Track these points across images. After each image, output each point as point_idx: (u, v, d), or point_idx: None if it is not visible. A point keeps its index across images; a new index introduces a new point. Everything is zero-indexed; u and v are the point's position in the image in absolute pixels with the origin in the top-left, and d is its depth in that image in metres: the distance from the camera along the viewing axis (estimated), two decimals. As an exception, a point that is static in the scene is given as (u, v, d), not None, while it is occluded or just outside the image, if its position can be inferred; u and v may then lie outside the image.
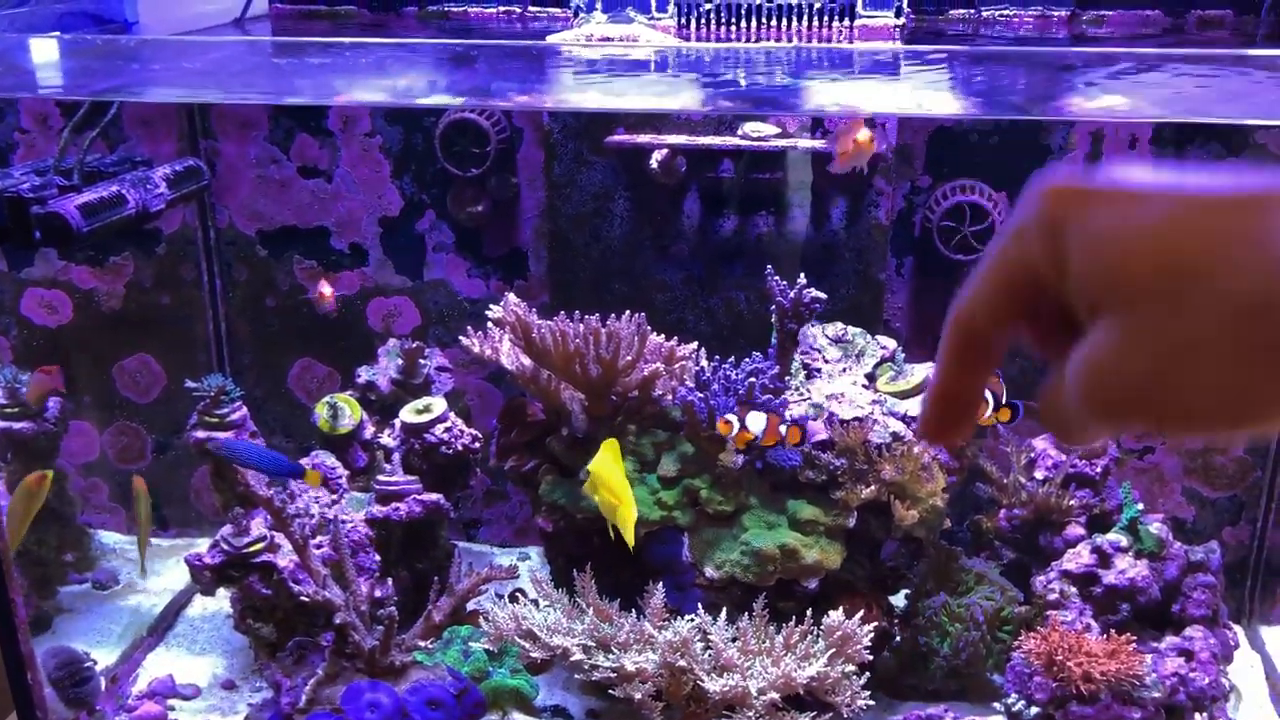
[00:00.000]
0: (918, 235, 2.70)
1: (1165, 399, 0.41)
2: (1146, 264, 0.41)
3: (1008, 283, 0.47)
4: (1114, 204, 0.43)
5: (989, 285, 0.47)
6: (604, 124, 2.57)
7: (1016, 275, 0.46)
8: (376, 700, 2.03)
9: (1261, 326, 0.38)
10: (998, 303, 0.47)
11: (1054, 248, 0.44)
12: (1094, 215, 0.43)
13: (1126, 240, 0.41)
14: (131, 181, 2.28)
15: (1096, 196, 0.43)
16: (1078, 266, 0.43)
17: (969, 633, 2.32)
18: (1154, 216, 0.41)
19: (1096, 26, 2.62)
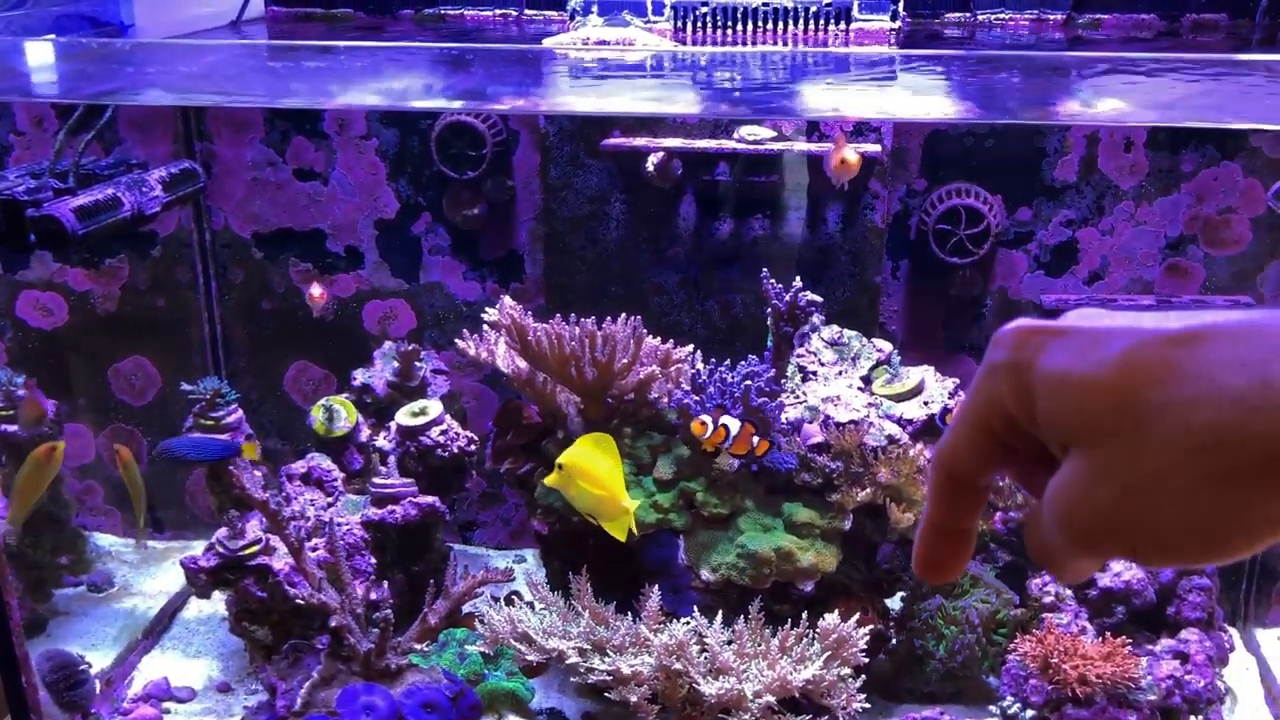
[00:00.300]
0: (913, 238, 2.71)
1: (1136, 530, 0.43)
2: (1106, 403, 0.43)
3: (984, 424, 0.48)
4: (1073, 345, 0.45)
5: (967, 428, 0.49)
6: (600, 127, 2.58)
7: (991, 417, 0.48)
8: (372, 703, 2.03)
9: (1217, 459, 0.40)
10: (977, 444, 0.49)
11: (1021, 389, 0.46)
12: (1055, 356, 0.45)
13: (1087, 380, 0.44)
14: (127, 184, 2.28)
15: (1056, 337, 0.46)
16: (1044, 406, 0.45)
17: (964, 635, 2.32)
18: (1110, 356, 0.43)
19: (1092, 30, 2.62)
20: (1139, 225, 2.67)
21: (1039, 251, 2.71)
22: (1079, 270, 2.71)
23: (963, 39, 2.58)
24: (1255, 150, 2.59)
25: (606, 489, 2.00)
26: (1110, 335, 0.44)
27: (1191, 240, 2.67)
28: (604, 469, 2.01)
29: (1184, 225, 2.66)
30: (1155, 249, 2.68)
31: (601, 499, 2.01)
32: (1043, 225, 2.69)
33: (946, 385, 2.45)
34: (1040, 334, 0.46)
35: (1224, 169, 2.61)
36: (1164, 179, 2.63)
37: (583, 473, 2.01)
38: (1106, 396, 0.43)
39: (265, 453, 2.68)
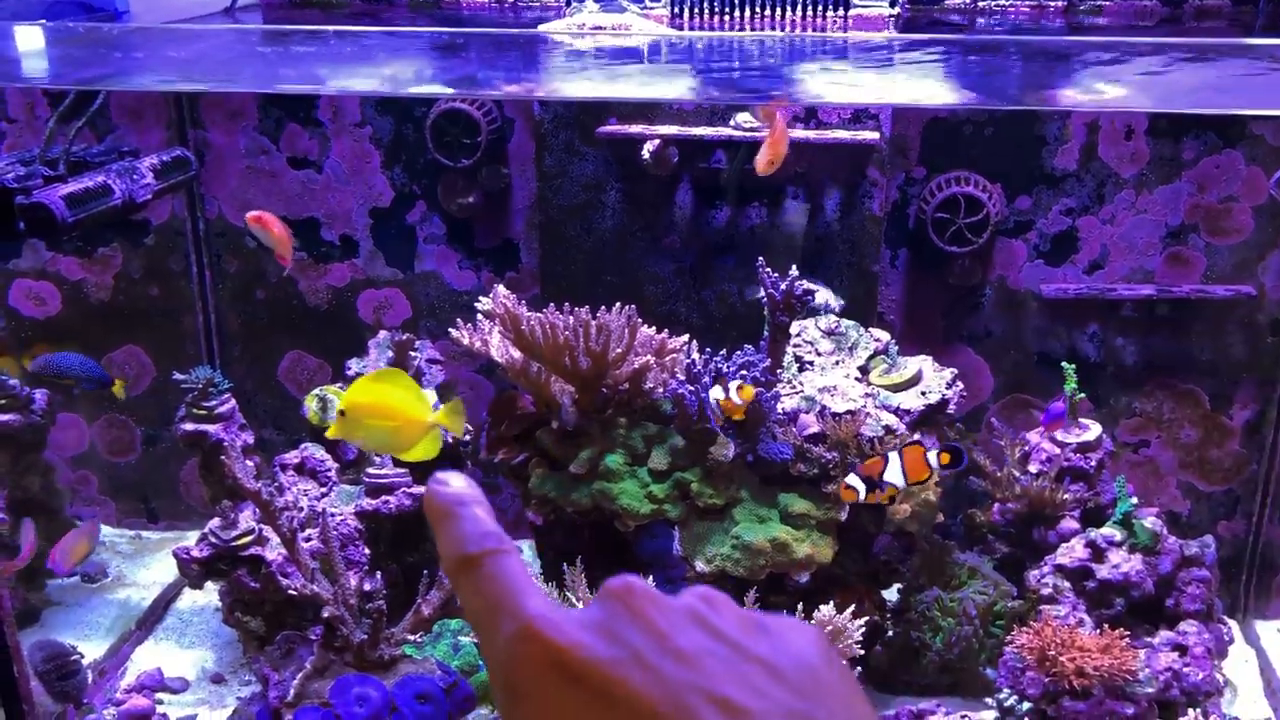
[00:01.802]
0: (912, 227, 2.69)
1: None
2: None
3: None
4: (568, 694, 0.40)
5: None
6: (596, 114, 2.55)
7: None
8: (365, 694, 2.02)
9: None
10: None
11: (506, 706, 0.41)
12: (542, 701, 0.40)
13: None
14: (118, 172, 2.26)
15: (558, 670, 0.40)
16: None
17: (962, 627, 2.31)
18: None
19: (1093, 16, 2.60)
20: (1140, 214, 2.65)
21: (1039, 240, 2.69)
22: (1079, 259, 2.69)
23: (963, 25, 2.56)
24: (1257, 138, 2.57)
25: (399, 415, 1.89)
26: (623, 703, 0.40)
27: (1193, 229, 2.65)
28: (392, 398, 1.89)
29: (1185, 214, 2.63)
30: (1156, 238, 2.66)
31: (397, 428, 1.89)
32: (1042, 214, 2.67)
33: (944, 375, 2.44)
34: (550, 659, 0.41)
35: (1225, 157, 2.59)
36: (1165, 167, 2.61)
37: (368, 410, 1.89)
38: None
39: (259, 443, 2.67)
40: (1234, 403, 2.75)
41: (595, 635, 0.40)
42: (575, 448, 2.30)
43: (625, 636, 0.40)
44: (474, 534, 0.45)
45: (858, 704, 0.42)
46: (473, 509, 0.45)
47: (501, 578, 0.43)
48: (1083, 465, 2.45)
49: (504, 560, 0.44)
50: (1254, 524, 2.81)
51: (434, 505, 0.46)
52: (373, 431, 1.86)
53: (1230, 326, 2.69)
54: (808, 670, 0.42)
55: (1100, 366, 2.74)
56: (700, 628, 0.42)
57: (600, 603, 0.42)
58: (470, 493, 0.46)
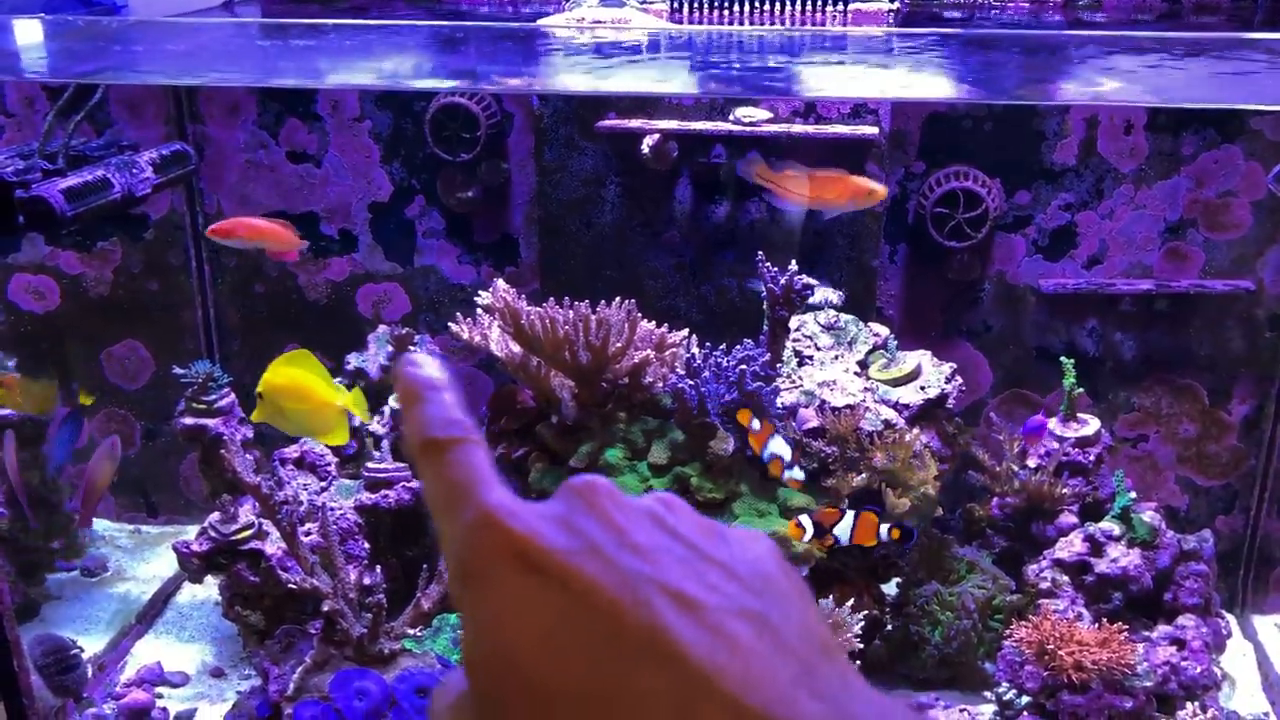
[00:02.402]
0: (911, 222, 2.69)
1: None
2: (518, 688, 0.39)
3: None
4: (524, 583, 0.40)
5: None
6: (595, 108, 2.55)
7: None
8: (365, 688, 2.02)
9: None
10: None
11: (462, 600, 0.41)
12: (498, 588, 0.40)
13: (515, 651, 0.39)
14: (117, 165, 2.25)
15: (515, 558, 0.40)
16: (466, 647, 0.41)
17: (960, 621, 2.31)
18: (548, 621, 0.39)
19: (1092, 11, 2.60)
20: (1139, 209, 2.65)
21: (1037, 235, 2.69)
22: (1078, 254, 2.69)
23: (962, 20, 2.56)
24: (1256, 133, 2.57)
25: (314, 398, 1.90)
26: (564, 581, 0.40)
27: (1191, 224, 2.65)
28: (306, 380, 1.90)
29: (1184, 209, 2.64)
30: (1155, 233, 2.66)
31: (312, 411, 1.91)
32: (1041, 209, 2.67)
33: (944, 370, 2.44)
34: (505, 543, 0.41)
35: (1224, 152, 2.59)
36: (1164, 162, 2.61)
37: (286, 393, 1.90)
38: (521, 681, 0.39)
39: (258, 437, 2.67)
40: (1232, 398, 2.76)
41: (554, 526, 0.41)
42: (575, 442, 2.31)
43: (584, 529, 0.41)
44: (440, 419, 0.44)
45: (809, 610, 0.42)
46: (442, 394, 0.45)
47: (464, 465, 0.43)
48: (1081, 460, 2.45)
49: (468, 449, 0.43)
50: (1251, 519, 2.81)
51: (405, 386, 0.45)
52: (290, 414, 1.87)
53: (1229, 321, 2.70)
54: (763, 574, 0.42)
55: (1099, 361, 2.75)
56: (659, 527, 0.42)
57: (561, 497, 0.43)
58: (441, 378, 0.46)
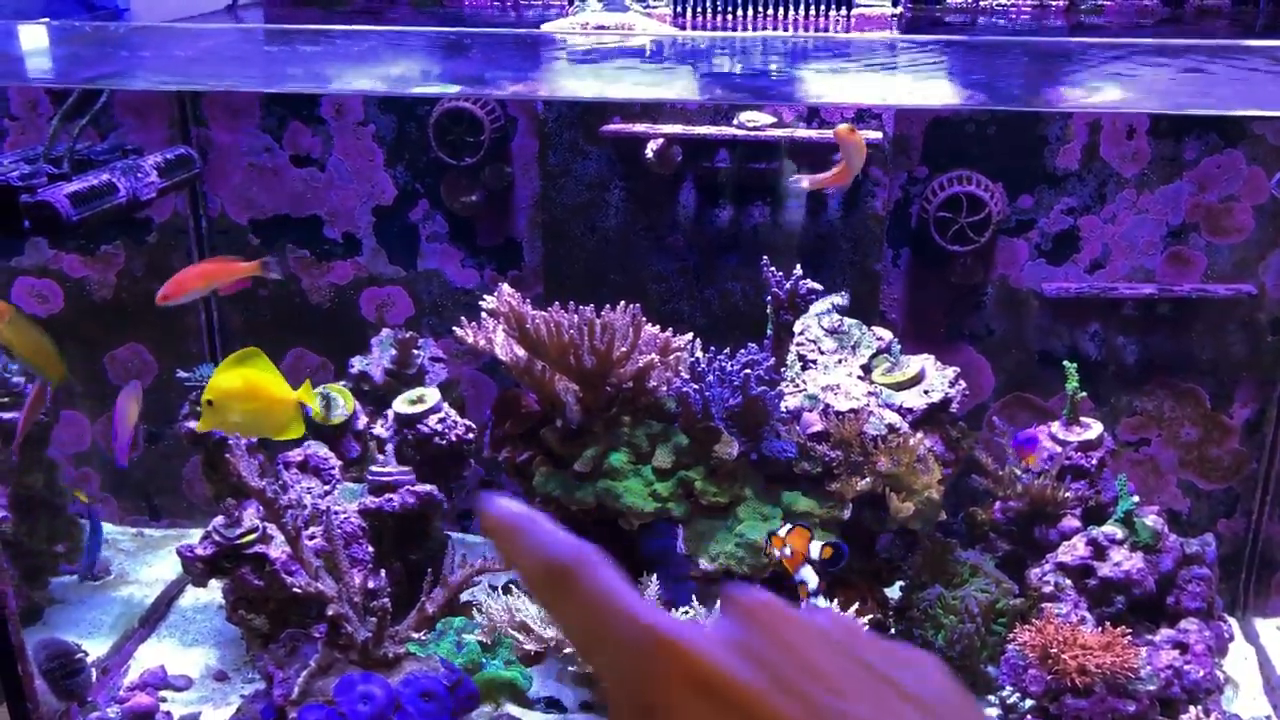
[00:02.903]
0: (914, 226, 2.69)
1: None
2: None
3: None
4: (708, 714, 0.39)
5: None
6: (599, 113, 2.56)
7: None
8: (369, 692, 2.02)
9: None
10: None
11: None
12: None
13: None
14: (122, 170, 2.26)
15: (698, 689, 0.39)
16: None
17: (964, 625, 2.31)
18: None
19: (1094, 16, 2.60)
20: (1141, 213, 2.65)
21: (1040, 239, 2.69)
22: (1080, 258, 2.70)
23: (965, 25, 2.56)
24: (1258, 138, 2.58)
25: (265, 396, 1.89)
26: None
27: (1194, 228, 2.65)
28: (256, 380, 1.89)
29: (1186, 213, 2.64)
30: (1157, 237, 2.67)
31: (265, 409, 1.90)
32: (1044, 213, 2.67)
33: (947, 374, 2.44)
34: (690, 673, 0.40)
35: (1227, 156, 2.60)
36: (1166, 166, 2.62)
37: (236, 395, 1.89)
38: None
39: (262, 441, 2.67)
40: (1234, 401, 2.76)
41: (734, 654, 0.39)
42: (579, 446, 2.31)
43: (765, 656, 0.40)
44: (554, 544, 0.43)
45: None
46: (539, 521, 0.44)
47: (603, 587, 0.42)
48: (1084, 464, 2.46)
49: (597, 570, 0.43)
50: (1254, 522, 2.82)
51: (496, 523, 0.45)
52: (243, 416, 1.86)
53: (1231, 325, 2.70)
54: (951, 706, 0.40)
55: (1101, 365, 2.75)
56: (840, 653, 0.40)
57: (731, 617, 0.41)
58: (525, 508, 0.45)
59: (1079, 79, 2.31)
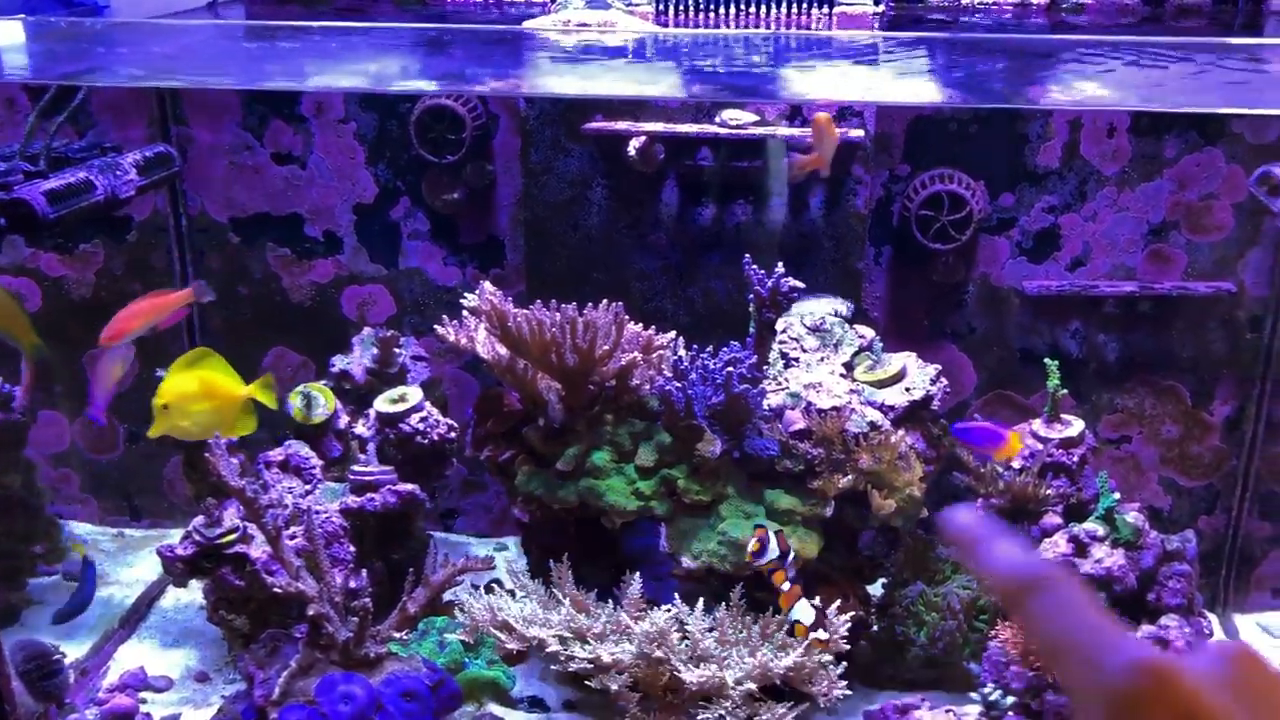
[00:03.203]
0: (896, 224, 2.69)
1: None
2: None
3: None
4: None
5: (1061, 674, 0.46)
6: (581, 110, 2.55)
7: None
8: (350, 692, 2.01)
9: None
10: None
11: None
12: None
13: None
14: (100, 167, 2.24)
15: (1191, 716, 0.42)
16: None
17: (946, 622, 2.32)
18: None
19: (1075, 15, 2.61)
20: (1121, 211, 2.66)
21: (1021, 237, 2.70)
22: (1061, 256, 2.70)
23: (946, 23, 2.57)
24: (1237, 136, 2.59)
25: (218, 394, 1.89)
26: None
27: (1174, 226, 2.67)
28: (208, 379, 1.90)
29: (1166, 211, 2.65)
30: (1138, 235, 2.68)
31: (218, 408, 1.90)
32: (1025, 211, 2.68)
33: (928, 372, 2.45)
34: (1170, 693, 0.42)
35: (1206, 155, 2.61)
36: (1146, 165, 2.63)
37: (189, 397, 1.89)
38: None
39: (243, 440, 2.66)
40: (1214, 399, 2.78)
41: (1224, 692, 0.42)
42: (561, 445, 2.31)
43: (1246, 700, 0.42)
44: (1029, 560, 0.47)
45: None
46: (1004, 536, 0.48)
47: (1087, 603, 0.45)
48: (1065, 461, 2.46)
49: (1074, 586, 0.46)
50: (1233, 519, 2.83)
51: (961, 536, 0.48)
52: (196, 417, 1.86)
53: (1211, 323, 2.71)
54: None
55: (1082, 363, 2.76)
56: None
57: (1214, 659, 0.44)
58: (988, 520, 0.49)
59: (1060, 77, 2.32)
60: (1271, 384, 2.72)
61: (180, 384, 1.90)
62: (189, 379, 1.91)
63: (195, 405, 1.88)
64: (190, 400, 1.88)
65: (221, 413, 1.89)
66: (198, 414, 1.89)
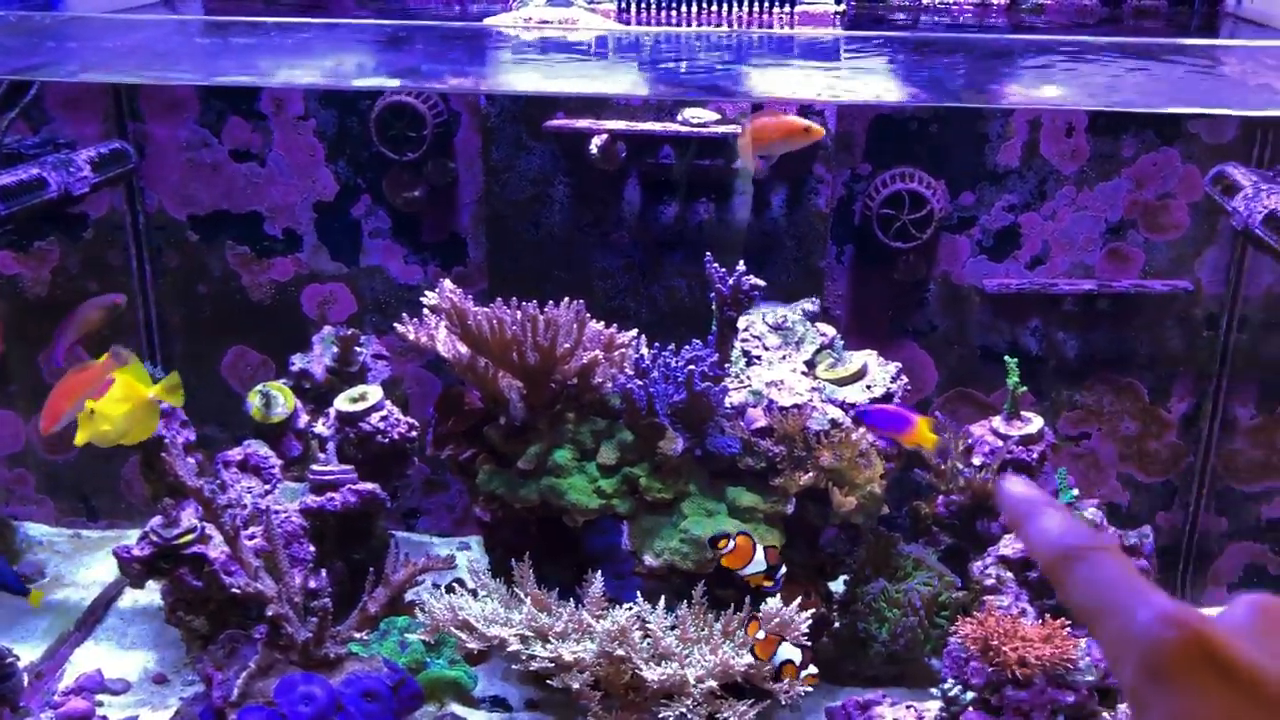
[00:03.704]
0: (857, 223, 2.71)
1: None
2: None
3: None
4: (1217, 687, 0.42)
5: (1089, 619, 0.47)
6: (543, 108, 2.54)
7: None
8: (310, 693, 2.00)
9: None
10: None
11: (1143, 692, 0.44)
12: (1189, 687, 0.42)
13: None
14: (53, 164, 2.22)
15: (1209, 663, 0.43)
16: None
17: (907, 618, 2.33)
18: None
19: (1035, 15, 2.63)
20: (1080, 210, 2.69)
21: (982, 236, 2.72)
22: (1021, 255, 2.73)
23: (907, 23, 2.58)
24: (1193, 136, 2.62)
25: (133, 396, 1.89)
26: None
27: (1132, 225, 2.69)
28: (128, 384, 1.90)
29: (1124, 210, 2.68)
30: (1096, 234, 2.70)
31: (135, 412, 1.91)
32: (985, 210, 2.70)
33: (889, 370, 2.46)
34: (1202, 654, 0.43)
35: (1163, 154, 2.64)
36: (1105, 164, 2.65)
37: (111, 401, 1.89)
38: None
39: (201, 439, 2.63)
40: (1171, 396, 2.81)
41: (1248, 639, 0.43)
42: (523, 443, 2.30)
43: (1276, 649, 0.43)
44: (1071, 529, 0.48)
45: None
46: (1055, 507, 0.50)
47: (1122, 568, 0.46)
48: (1025, 458, 2.48)
49: (1112, 554, 0.47)
50: (1190, 514, 2.86)
51: (1014, 505, 0.51)
52: (118, 422, 1.86)
53: (1168, 321, 2.74)
54: None
55: (1042, 360, 2.79)
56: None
57: (1245, 611, 0.45)
58: (1041, 492, 0.51)
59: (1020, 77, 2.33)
60: (1227, 381, 2.76)
61: (108, 405, 1.88)
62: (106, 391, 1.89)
63: (116, 409, 1.85)
64: (113, 404, 1.86)
65: (140, 415, 1.87)
66: (118, 418, 1.86)
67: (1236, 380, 2.76)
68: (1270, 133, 2.57)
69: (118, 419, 1.89)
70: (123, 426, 1.93)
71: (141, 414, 1.89)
